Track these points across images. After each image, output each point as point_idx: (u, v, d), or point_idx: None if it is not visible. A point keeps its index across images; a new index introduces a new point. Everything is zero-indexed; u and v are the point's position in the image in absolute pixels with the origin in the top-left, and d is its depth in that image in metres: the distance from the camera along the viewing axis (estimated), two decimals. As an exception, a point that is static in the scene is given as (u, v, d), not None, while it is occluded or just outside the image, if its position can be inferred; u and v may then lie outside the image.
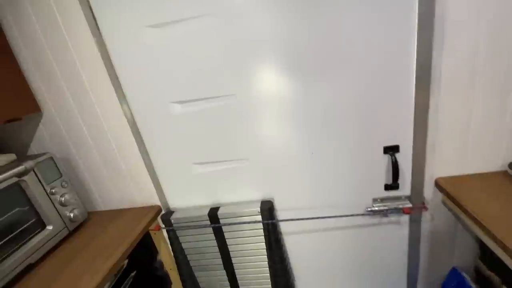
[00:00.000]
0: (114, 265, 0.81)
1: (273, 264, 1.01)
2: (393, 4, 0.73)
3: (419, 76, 0.78)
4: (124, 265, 0.99)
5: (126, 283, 1.00)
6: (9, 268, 0.78)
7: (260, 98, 0.87)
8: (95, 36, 0.85)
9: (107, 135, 0.98)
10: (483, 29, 0.71)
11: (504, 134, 0.81)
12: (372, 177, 0.92)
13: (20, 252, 0.81)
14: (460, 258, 1.00)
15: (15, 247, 0.81)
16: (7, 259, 0.78)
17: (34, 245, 0.85)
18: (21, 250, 0.82)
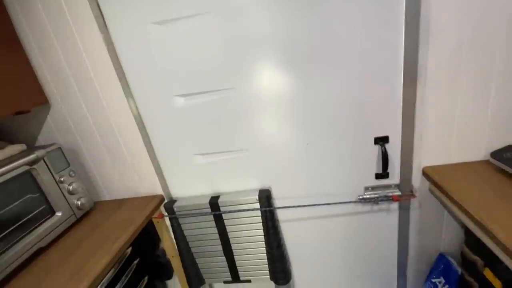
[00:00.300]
0: (121, 248, 0.86)
1: (270, 250, 1.07)
2: (383, 6, 0.78)
3: (407, 71, 0.83)
4: (128, 253, 1.04)
5: (130, 270, 1.04)
6: (22, 250, 0.83)
7: (259, 92, 0.93)
8: (103, 32, 0.89)
9: (112, 127, 1.03)
10: (465, 28, 0.77)
11: (485, 126, 0.87)
12: (363, 166, 0.98)
13: (32, 236, 0.86)
14: (447, 244, 1.06)
15: (27, 231, 0.86)
16: (20, 241, 0.83)
17: (45, 230, 0.90)
18: (32, 234, 0.87)
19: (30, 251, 0.85)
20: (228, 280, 1.18)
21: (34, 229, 0.88)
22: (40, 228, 0.89)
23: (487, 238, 0.69)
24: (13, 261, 0.80)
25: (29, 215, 0.88)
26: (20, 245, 0.82)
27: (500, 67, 0.80)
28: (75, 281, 0.74)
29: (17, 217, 0.85)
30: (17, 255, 0.81)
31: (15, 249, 0.81)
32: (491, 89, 0.82)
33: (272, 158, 1.02)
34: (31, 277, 0.79)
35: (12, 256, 0.80)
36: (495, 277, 0.83)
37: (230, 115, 0.97)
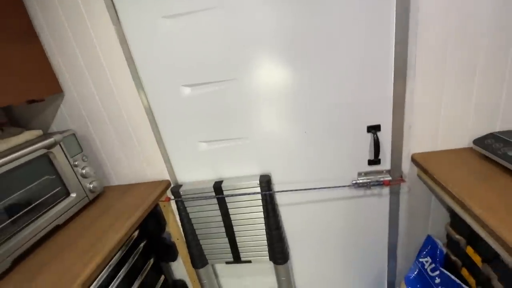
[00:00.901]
0: (134, 225, 0.93)
1: (269, 231, 1.14)
2: (375, 2, 0.85)
3: (397, 64, 0.90)
4: (135, 236, 1.11)
5: (136, 252, 1.12)
6: (41, 227, 0.90)
7: (259, 83, 0.99)
8: (115, 24, 0.96)
9: (123, 115, 1.10)
10: (451, 22, 0.83)
11: (470, 115, 0.94)
12: (357, 153, 1.05)
13: (50, 214, 0.93)
14: (434, 226, 1.14)
15: (46, 209, 0.93)
16: (39, 218, 0.90)
17: (61, 208, 0.97)
18: (51, 212, 0.94)
19: (48, 228, 0.92)
20: (230, 260, 1.26)
21: (51, 208, 0.95)
22: (57, 207, 0.96)
23: (467, 215, 0.77)
24: (35, 235, 0.87)
25: (47, 195, 0.95)
26: (40, 221, 0.90)
27: (483, 61, 0.86)
28: (92, 252, 0.81)
29: (36, 196, 0.92)
30: (38, 230, 0.88)
31: (36, 224, 0.88)
32: (474, 81, 0.89)
33: (272, 146, 1.09)
34: (52, 249, 0.87)
35: (33, 230, 0.87)
36: (476, 253, 0.91)
37: (233, 104, 1.03)
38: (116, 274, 0.93)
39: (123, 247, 0.99)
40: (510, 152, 0.82)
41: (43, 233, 0.90)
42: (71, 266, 0.77)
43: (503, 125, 0.94)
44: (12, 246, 0.81)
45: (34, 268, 0.80)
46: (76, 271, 0.74)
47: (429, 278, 1.08)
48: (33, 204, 0.90)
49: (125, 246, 1.01)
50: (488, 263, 0.85)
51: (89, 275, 0.73)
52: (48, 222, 0.92)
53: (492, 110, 0.92)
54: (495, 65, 0.87)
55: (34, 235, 0.87)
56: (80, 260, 0.79)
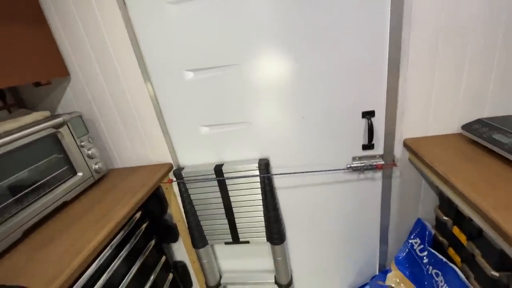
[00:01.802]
0: (139, 201, 0.98)
1: (267, 212, 1.20)
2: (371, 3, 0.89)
3: (391, 52, 0.95)
4: (137, 217, 1.16)
5: (139, 233, 1.16)
6: (50, 202, 0.94)
7: (260, 69, 1.04)
8: (121, 8, 0.99)
9: (128, 99, 1.14)
10: (442, 15, 0.88)
11: (459, 102, 0.99)
12: (352, 138, 1.10)
13: (58, 190, 0.98)
14: (424, 210, 1.19)
15: (53, 187, 0.98)
16: (47, 194, 0.95)
17: (68, 186, 1.01)
18: (58, 189, 0.98)
19: (57, 203, 0.96)
20: (229, 241, 1.31)
21: (59, 185, 0.99)
22: (64, 185, 1.00)
23: (451, 190, 0.82)
24: (44, 209, 0.91)
25: (55, 173, 0.99)
26: (49, 196, 0.94)
27: (472, 50, 0.91)
28: (101, 224, 0.86)
29: (45, 173, 0.96)
30: (47, 204, 0.93)
31: (45, 199, 0.92)
32: (464, 69, 0.94)
33: (271, 130, 1.13)
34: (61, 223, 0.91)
35: (43, 205, 0.91)
36: (461, 233, 0.96)
37: (235, 89, 1.08)
38: (118, 254, 0.96)
39: (126, 227, 1.03)
40: (495, 135, 0.87)
41: (51, 208, 0.94)
42: (81, 235, 0.82)
43: (491, 112, 0.99)
44: (23, 218, 0.85)
45: (44, 238, 0.84)
46: (86, 239, 0.79)
47: (418, 258, 1.14)
48: (42, 180, 0.95)
49: (127, 226, 1.05)
50: (472, 240, 0.91)
51: (100, 241, 0.78)
52: (56, 198, 0.96)
53: (480, 97, 0.97)
54: (483, 55, 0.92)
55: (44, 209, 0.92)
56: (90, 230, 0.83)
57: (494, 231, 0.66)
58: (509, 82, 0.94)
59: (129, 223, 1.07)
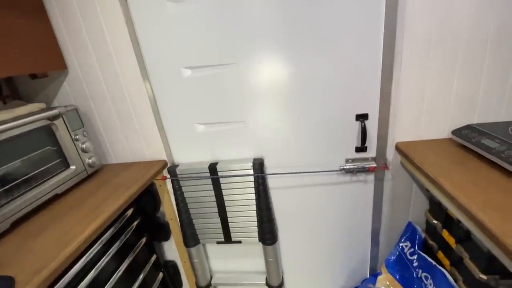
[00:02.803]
0: (132, 196, 0.98)
1: (260, 212, 1.20)
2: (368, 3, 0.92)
3: (385, 56, 0.97)
4: (129, 214, 1.15)
5: (130, 230, 1.15)
6: (41, 193, 0.93)
7: (257, 69, 1.05)
8: (122, 5, 1.00)
9: (125, 94, 1.14)
10: (434, 20, 0.91)
11: (449, 108, 1.02)
12: (345, 140, 1.12)
13: (50, 182, 0.97)
14: (414, 213, 1.21)
15: (45, 179, 0.97)
16: (39, 186, 0.94)
17: (61, 179, 1.00)
18: (50, 181, 0.97)
19: (48, 195, 0.95)
20: (221, 240, 1.31)
21: (52, 177, 0.99)
22: (57, 177, 1.00)
23: (439, 192, 0.83)
24: (35, 200, 0.91)
25: (48, 165, 0.98)
26: (40, 188, 0.93)
27: (462, 57, 0.94)
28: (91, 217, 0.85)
29: (38, 165, 0.95)
30: (38, 196, 0.92)
31: (36, 191, 0.92)
32: (454, 76, 0.97)
33: (266, 130, 1.15)
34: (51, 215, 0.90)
35: (34, 196, 0.90)
36: (450, 236, 0.98)
37: (231, 88, 1.09)
38: (107, 250, 0.95)
39: (116, 224, 1.02)
40: (483, 141, 0.89)
41: (42, 200, 0.94)
42: (71, 228, 0.81)
43: (480, 118, 1.02)
44: (12, 209, 0.84)
45: (34, 230, 0.83)
46: (76, 232, 0.78)
47: (408, 261, 1.15)
48: (34, 172, 0.94)
49: (118, 222, 1.04)
50: (461, 243, 0.92)
51: (89, 234, 0.77)
52: (48, 190, 0.96)
53: (470, 103, 1.00)
54: (473, 63, 0.95)
55: (34, 201, 0.91)
56: (80, 223, 0.82)
57: (480, 231, 0.67)
58: (497, 90, 0.97)
59: (120, 219, 1.06)
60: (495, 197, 0.71)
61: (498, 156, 0.81)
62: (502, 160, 0.79)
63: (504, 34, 0.90)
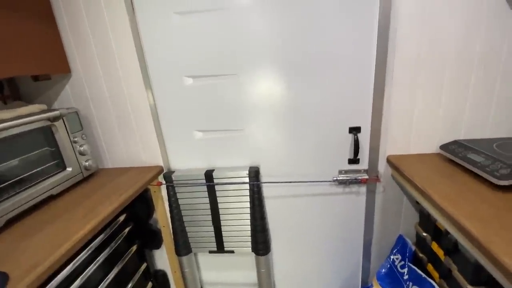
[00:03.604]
0: (126, 200, 0.98)
1: (254, 221, 1.21)
2: (360, 24, 0.99)
3: (377, 73, 1.03)
4: (121, 220, 1.15)
5: (121, 236, 1.14)
6: (36, 194, 0.93)
7: (257, 81, 1.10)
8: (130, 14, 1.05)
9: (126, 99, 1.17)
10: (424, 38, 0.98)
11: (438, 124, 1.07)
12: (339, 152, 1.15)
13: (45, 183, 0.97)
14: (405, 226, 1.23)
15: (41, 179, 0.97)
16: (35, 186, 0.94)
17: (56, 180, 1.00)
18: (46, 182, 0.97)
19: (43, 195, 0.95)
20: (213, 250, 1.30)
21: (47, 178, 0.99)
22: (52, 178, 0.99)
23: (428, 202, 0.87)
24: (30, 200, 0.90)
25: (45, 165, 0.99)
26: (36, 188, 0.93)
27: (448, 77, 1.01)
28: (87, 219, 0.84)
29: (34, 165, 0.96)
30: (33, 196, 0.91)
31: (31, 190, 0.91)
32: (442, 93, 1.03)
33: (263, 139, 1.18)
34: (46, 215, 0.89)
35: (29, 195, 0.90)
36: (439, 248, 1.00)
37: (231, 97, 1.13)
38: (96, 257, 0.94)
39: (107, 230, 1.01)
40: (469, 155, 0.94)
41: (36, 201, 0.93)
42: (65, 229, 0.81)
43: (467, 134, 1.07)
44: (6, 208, 0.84)
45: (27, 229, 0.82)
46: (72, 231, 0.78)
47: (399, 274, 1.16)
48: (30, 172, 0.94)
49: (109, 228, 1.03)
50: (449, 256, 0.95)
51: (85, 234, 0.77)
52: (43, 190, 0.95)
53: (457, 120, 1.06)
54: (459, 82, 1.01)
55: (29, 200, 0.90)
56: (76, 224, 0.82)
57: (467, 241, 0.70)
58: (483, 108, 1.03)
59: (112, 225, 1.06)
60: (480, 208, 0.74)
61: (483, 170, 0.85)
62: (487, 173, 0.84)
63: (488, 56, 0.97)
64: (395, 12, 0.96)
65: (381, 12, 0.96)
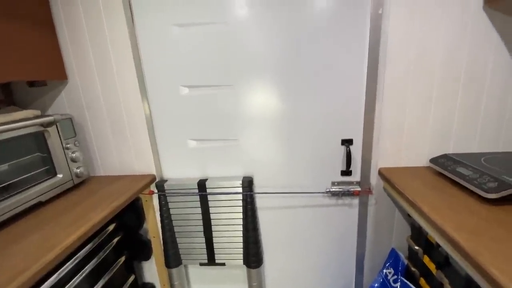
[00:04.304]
0: (116, 208, 0.96)
1: (246, 232, 1.19)
2: (353, 43, 1.03)
3: (368, 88, 1.07)
4: (110, 230, 1.12)
5: (109, 247, 1.11)
6: (24, 200, 0.91)
7: (252, 91, 1.12)
8: (129, 25, 1.08)
9: (121, 107, 1.17)
10: (411, 57, 1.02)
11: (427, 138, 1.10)
12: (332, 163, 1.17)
13: (34, 189, 0.95)
14: (397, 239, 1.23)
15: (30, 185, 0.95)
16: (23, 192, 0.92)
17: (46, 187, 0.99)
18: (35, 188, 0.95)
19: (31, 202, 0.93)
20: (204, 262, 1.27)
21: (37, 184, 0.97)
22: (42, 185, 0.98)
23: (418, 214, 0.88)
24: (16, 207, 0.88)
25: (35, 171, 0.97)
26: (24, 194, 0.91)
27: (437, 91, 1.05)
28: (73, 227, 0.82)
29: (24, 170, 0.94)
30: (20, 202, 0.89)
31: (19, 197, 0.89)
32: (431, 108, 1.07)
33: (257, 149, 1.19)
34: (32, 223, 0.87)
35: (16, 202, 0.88)
36: (431, 262, 1.00)
37: (226, 107, 1.15)
38: (82, 268, 0.91)
39: (96, 239, 0.99)
40: (458, 169, 0.96)
41: (25, 207, 0.91)
42: (51, 237, 0.78)
43: (455, 148, 1.10)
44: (-8, 214, 0.82)
45: (13, 236, 0.80)
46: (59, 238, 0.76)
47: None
48: (20, 177, 0.92)
49: (98, 238, 1.01)
50: (441, 269, 0.95)
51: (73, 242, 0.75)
52: (32, 197, 0.93)
53: (445, 135, 1.09)
54: (447, 97, 1.05)
55: (16, 207, 0.88)
56: (63, 231, 0.80)
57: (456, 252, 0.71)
58: (470, 123, 1.07)
59: (101, 234, 1.03)
60: (469, 220, 0.76)
61: (471, 183, 0.87)
62: (476, 186, 0.85)
63: (474, 73, 1.02)
64: (384, 31, 1.00)
65: (372, 28, 1.00)
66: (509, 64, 1.00)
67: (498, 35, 0.97)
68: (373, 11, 0.98)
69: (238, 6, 1.03)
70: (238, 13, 1.04)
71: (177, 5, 1.05)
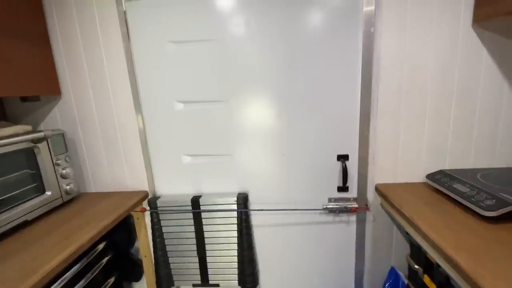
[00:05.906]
0: (106, 227, 0.93)
1: (241, 251, 1.15)
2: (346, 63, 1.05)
3: (363, 106, 1.07)
4: (99, 249, 1.08)
5: (98, 267, 1.07)
6: (9, 219, 0.87)
7: (247, 107, 1.12)
8: (125, 41, 1.08)
9: (115, 122, 1.16)
10: (405, 74, 1.03)
11: (423, 153, 1.09)
12: (328, 179, 1.15)
13: (21, 207, 0.92)
14: (397, 257, 1.20)
15: (17, 203, 0.92)
16: (8, 211, 0.88)
17: (33, 205, 0.95)
18: (21, 206, 0.92)
19: (16, 221, 0.89)
20: (197, 283, 1.22)
21: (23, 202, 0.94)
22: (29, 203, 0.95)
23: (414, 231, 0.86)
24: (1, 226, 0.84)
25: (23, 188, 0.94)
26: (9, 213, 0.88)
27: (430, 107, 1.05)
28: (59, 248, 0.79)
29: (11, 188, 0.91)
30: (5, 222, 0.86)
31: (4, 216, 0.86)
32: (425, 124, 1.07)
33: (252, 165, 1.17)
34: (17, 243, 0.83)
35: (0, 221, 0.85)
36: (432, 282, 0.97)
37: (221, 123, 1.14)
38: None
39: (84, 259, 0.95)
40: (455, 185, 0.95)
41: (9, 226, 0.87)
42: (36, 258, 0.75)
43: (451, 164, 1.10)
44: (-26, 234, 0.78)
45: (-7, 258, 0.76)
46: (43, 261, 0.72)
47: (392, 309, 1.11)
48: (6, 195, 0.89)
49: (86, 258, 0.97)
50: (442, 290, 0.92)
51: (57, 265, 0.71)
52: (17, 216, 0.90)
53: (440, 150, 1.09)
54: (440, 113, 1.06)
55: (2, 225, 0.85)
56: (47, 253, 0.76)
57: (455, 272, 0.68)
58: (465, 139, 1.07)
59: (90, 254, 0.99)
60: (467, 238, 0.74)
61: (469, 200, 0.86)
62: (473, 204, 0.84)
63: (466, 91, 1.03)
64: (377, 48, 1.02)
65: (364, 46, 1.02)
66: (499, 80, 1.01)
67: (487, 52, 1.00)
68: (365, 29, 1.00)
69: (233, 24, 1.05)
70: (233, 31, 1.05)
71: (173, 22, 1.06)
